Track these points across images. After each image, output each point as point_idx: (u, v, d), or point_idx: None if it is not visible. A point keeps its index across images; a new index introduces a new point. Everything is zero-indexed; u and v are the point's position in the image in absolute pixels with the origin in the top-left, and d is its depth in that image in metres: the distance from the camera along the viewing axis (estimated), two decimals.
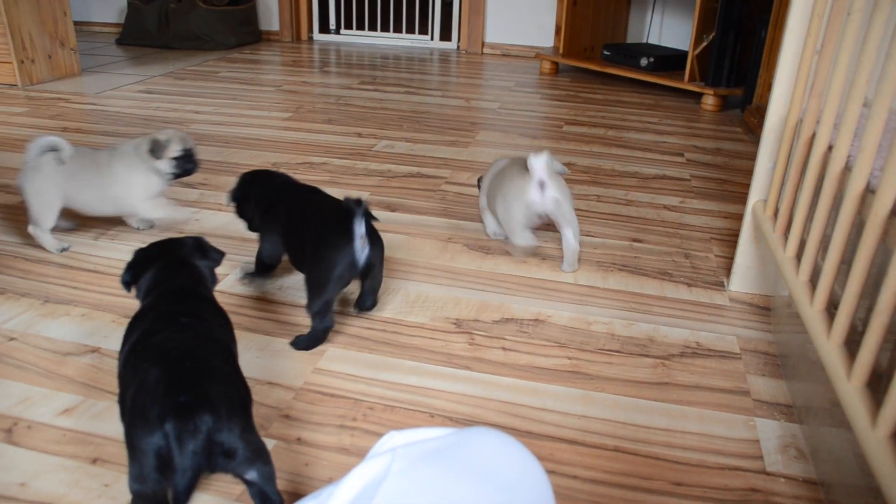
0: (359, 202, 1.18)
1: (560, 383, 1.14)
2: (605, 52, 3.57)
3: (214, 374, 0.83)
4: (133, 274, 1.05)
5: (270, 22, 4.69)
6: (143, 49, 4.35)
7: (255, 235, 1.42)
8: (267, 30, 4.71)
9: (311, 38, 4.73)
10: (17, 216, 1.76)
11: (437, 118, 2.74)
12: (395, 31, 4.72)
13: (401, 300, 1.38)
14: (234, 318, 1.26)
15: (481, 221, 1.74)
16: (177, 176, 1.61)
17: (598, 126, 2.69)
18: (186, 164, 1.60)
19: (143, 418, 0.77)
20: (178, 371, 0.81)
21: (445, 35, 4.56)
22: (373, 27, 4.78)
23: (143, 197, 1.60)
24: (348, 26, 4.79)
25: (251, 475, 0.81)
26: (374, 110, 2.83)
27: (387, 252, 1.59)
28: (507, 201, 1.50)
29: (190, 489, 0.76)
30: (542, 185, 1.46)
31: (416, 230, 1.71)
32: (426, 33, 4.60)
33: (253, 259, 1.41)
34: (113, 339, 1.25)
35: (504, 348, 1.23)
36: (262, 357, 1.19)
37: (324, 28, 4.77)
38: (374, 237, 1.23)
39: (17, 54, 3.19)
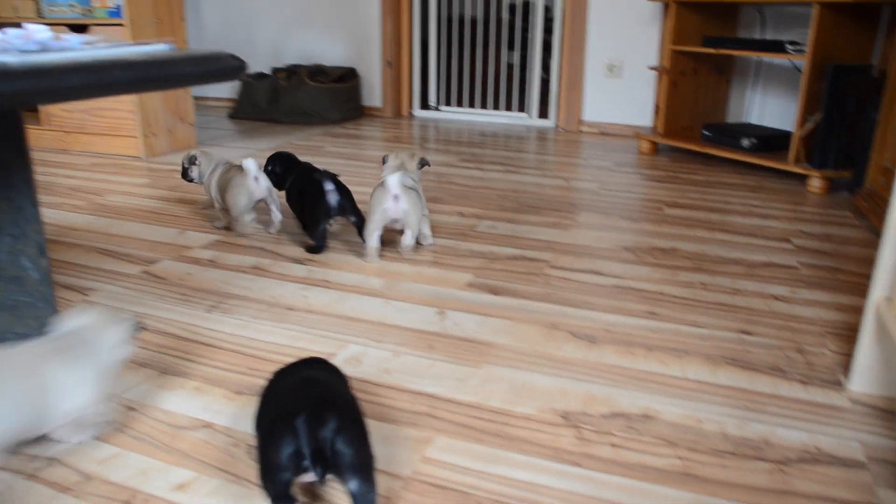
0: (325, 173, 2.07)
1: (671, 485, 1.11)
2: (706, 133, 3.54)
3: (338, 394, 1.02)
4: None
5: (373, 98, 4.86)
6: (253, 122, 4.57)
7: (355, 310, 1.44)
8: (369, 105, 4.88)
9: (411, 114, 4.88)
10: (137, 285, 1.85)
11: (537, 198, 2.76)
12: (493, 108, 4.82)
13: (507, 389, 1.38)
14: None
15: (585, 308, 1.74)
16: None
17: (700, 209, 2.65)
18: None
19: (281, 416, 0.94)
20: (309, 388, 1.02)
21: (543, 112, 4.62)
22: (471, 104, 4.90)
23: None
24: (448, 103, 4.92)
25: (352, 486, 0.94)
26: (474, 189, 2.88)
27: (491, 337, 1.59)
28: (369, 208, 2.01)
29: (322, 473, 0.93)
30: (396, 198, 1.95)
31: (520, 315, 1.71)
32: (524, 111, 4.67)
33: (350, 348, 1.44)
34: (225, 414, 1.28)
35: (613, 444, 1.21)
36: None
37: (424, 104, 4.91)
38: (341, 189, 2.07)
39: (143, 129, 3.41)
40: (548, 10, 4.47)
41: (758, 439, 1.23)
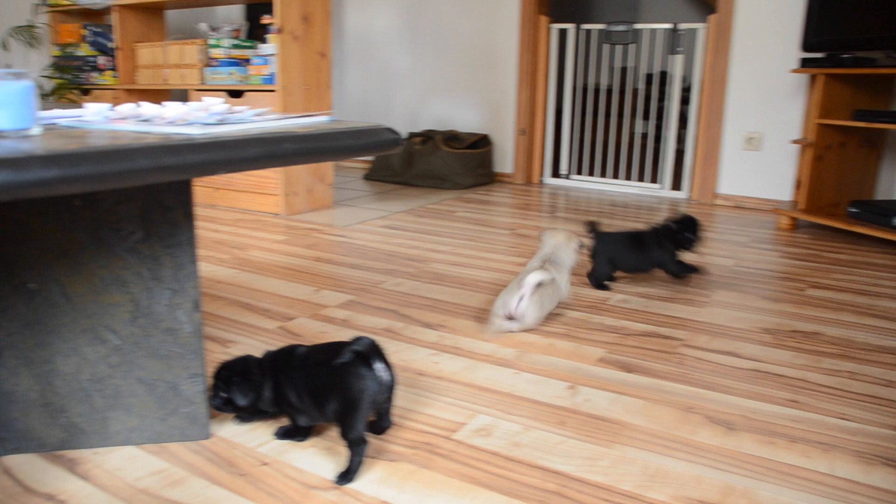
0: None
1: None
2: (852, 210, 3.38)
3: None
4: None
5: (504, 165, 4.94)
6: (387, 185, 4.72)
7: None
8: (500, 172, 4.96)
9: (541, 182, 4.91)
10: (274, 340, 1.92)
11: None
12: (625, 178, 4.79)
13: (639, 472, 1.34)
14: (471, 472, 1.29)
15: (721, 391, 1.68)
16: None
17: (846, 291, 2.52)
18: None
19: (359, 368, 1.31)
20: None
21: (676, 184, 4.55)
22: (603, 173, 4.89)
23: None
24: (579, 172, 4.93)
25: (387, 406, 1.45)
26: None
27: (624, 416, 1.56)
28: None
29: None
30: (521, 298, 2.00)
31: (653, 395, 1.66)
32: (656, 182, 4.62)
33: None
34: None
35: None
36: None
37: (555, 172, 4.93)
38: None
39: (285, 188, 3.59)
40: (684, 81, 4.43)
41: None
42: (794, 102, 3.95)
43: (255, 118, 1.24)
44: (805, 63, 3.48)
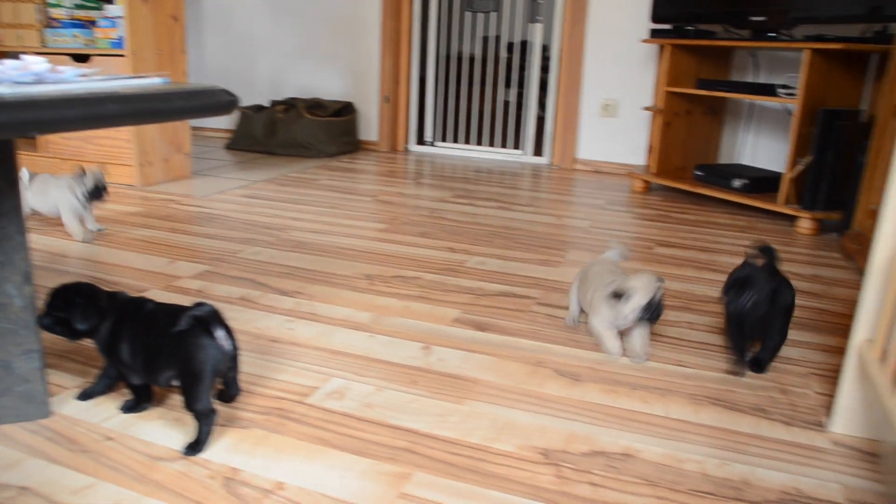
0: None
1: None
2: (698, 173, 3.57)
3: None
4: None
5: (369, 132, 4.90)
6: (250, 154, 4.60)
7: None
8: (365, 139, 4.92)
9: (406, 149, 4.92)
10: None
11: (528, 235, 2.77)
12: (488, 144, 4.86)
13: (488, 425, 1.38)
14: (322, 434, 1.29)
15: (570, 346, 1.74)
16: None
17: (690, 248, 2.67)
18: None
19: (199, 338, 1.25)
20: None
21: (538, 150, 4.66)
22: (467, 140, 4.94)
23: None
24: (444, 139, 4.96)
25: (233, 374, 1.39)
26: (466, 225, 2.89)
27: (475, 373, 1.59)
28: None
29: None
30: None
31: (505, 352, 1.71)
32: (519, 148, 4.71)
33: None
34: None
35: (592, 483, 1.20)
36: (346, 477, 1.20)
37: (420, 140, 4.95)
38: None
39: (139, 158, 3.43)
40: (545, 50, 4.53)
41: (738, 480, 1.23)
42: (647, 71, 4.11)
43: (80, 79, 1.17)
44: (654, 34, 3.62)
